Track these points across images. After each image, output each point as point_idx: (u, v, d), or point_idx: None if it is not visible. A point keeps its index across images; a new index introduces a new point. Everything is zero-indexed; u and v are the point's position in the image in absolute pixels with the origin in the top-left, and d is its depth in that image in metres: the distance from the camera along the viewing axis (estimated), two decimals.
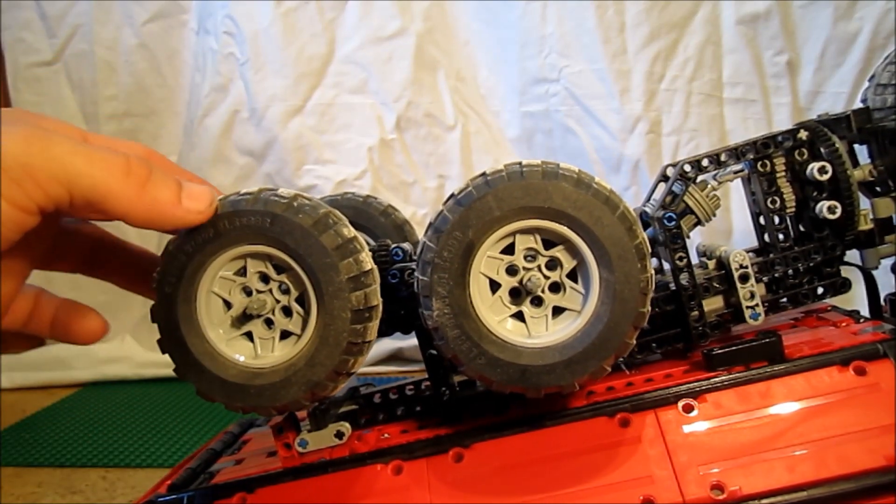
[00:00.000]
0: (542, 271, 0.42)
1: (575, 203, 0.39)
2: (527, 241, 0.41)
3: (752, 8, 1.04)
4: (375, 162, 1.19)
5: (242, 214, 0.38)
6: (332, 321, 0.39)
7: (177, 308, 0.39)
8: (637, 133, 1.10)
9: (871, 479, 0.40)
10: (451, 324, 0.40)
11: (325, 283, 0.38)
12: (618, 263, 0.39)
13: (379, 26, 1.16)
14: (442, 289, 0.40)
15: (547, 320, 0.42)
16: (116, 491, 0.86)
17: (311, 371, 0.39)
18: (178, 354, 0.40)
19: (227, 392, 0.39)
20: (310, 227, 0.38)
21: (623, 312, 0.40)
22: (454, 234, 0.40)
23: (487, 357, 0.40)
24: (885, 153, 0.55)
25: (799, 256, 0.54)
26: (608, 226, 0.39)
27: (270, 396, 0.39)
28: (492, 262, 0.41)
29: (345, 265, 0.38)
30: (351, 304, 0.38)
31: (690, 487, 0.41)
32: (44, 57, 1.27)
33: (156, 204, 0.35)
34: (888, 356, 0.45)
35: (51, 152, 0.32)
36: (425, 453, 0.46)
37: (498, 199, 0.39)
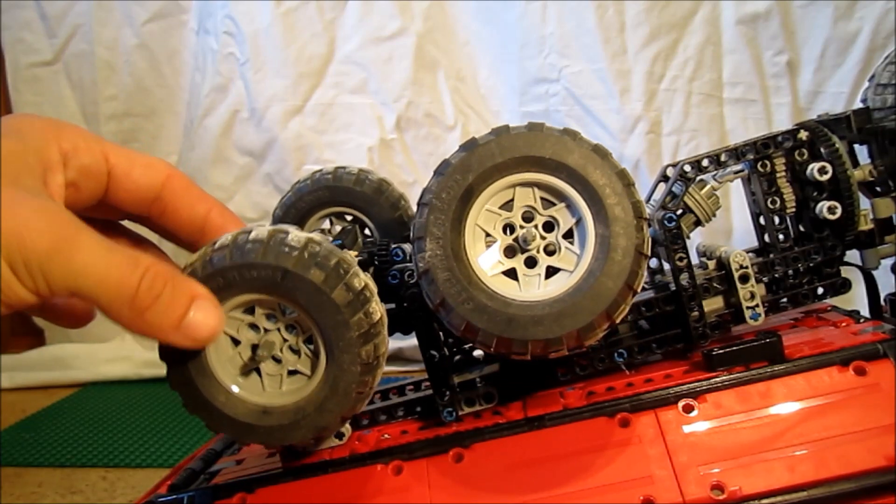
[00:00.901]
0: (539, 231, 0.41)
1: (575, 155, 0.39)
2: (526, 198, 0.41)
3: (752, 8, 1.04)
4: (375, 162, 1.19)
5: (253, 268, 0.38)
6: (342, 374, 0.39)
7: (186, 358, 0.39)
8: (637, 133, 1.10)
9: (871, 479, 0.40)
10: (442, 266, 0.40)
11: (335, 338, 0.38)
12: (614, 222, 0.39)
13: (379, 26, 1.16)
14: (437, 230, 0.40)
15: (539, 280, 0.41)
16: (116, 491, 0.86)
17: (320, 417, 0.39)
18: (186, 392, 0.39)
19: (236, 430, 0.40)
20: (321, 283, 0.38)
21: (616, 268, 0.39)
22: (454, 176, 0.40)
23: (475, 302, 0.39)
24: (885, 153, 0.55)
25: (799, 257, 0.54)
26: (607, 181, 0.39)
27: (279, 437, 0.40)
28: (489, 217, 0.41)
29: (356, 321, 0.38)
30: (361, 359, 0.39)
31: (690, 487, 0.41)
32: (44, 57, 1.27)
33: (152, 328, 0.34)
34: (888, 356, 0.44)
35: (73, 264, 0.31)
36: (425, 453, 0.46)
37: (501, 146, 0.40)
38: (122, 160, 0.38)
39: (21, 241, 0.30)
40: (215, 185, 1.23)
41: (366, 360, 0.39)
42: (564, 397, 0.50)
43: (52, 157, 0.35)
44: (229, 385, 0.40)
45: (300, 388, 0.40)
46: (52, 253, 0.31)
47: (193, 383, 0.39)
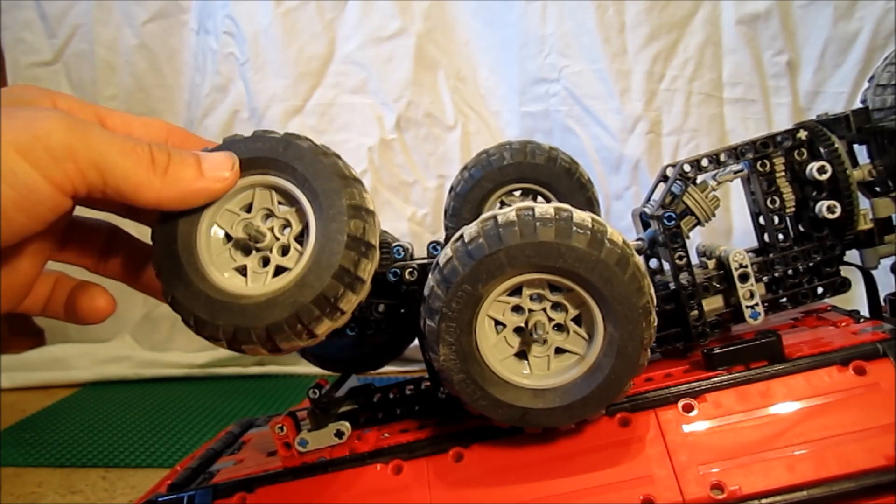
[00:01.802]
0: (547, 313, 0.42)
1: (587, 264, 0.40)
2: (534, 287, 0.42)
3: (752, 8, 1.04)
4: (375, 162, 1.19)
5: (259, 140, 0.39)
6: (328, 243, 0.38)
7: (177, 230, 0.39)
8: (637, 133, 1.10)
9: (871, 478, 0.40)
10: (456, 368, 0.41)
11: (326, 206, 0.38)
12: (623, 321, 0.40)
13: (379, 26, 1.16)
14: (449, 336, 0.41)
15: (549, 360, 0.43)
16: (116, 491, 0.86)
17: (300, 291, 0.38)
18: (168, 269, 0.39)
19: (211, 309, 0.38)
20: (318, 153, 0.39)
21: (624, 366, 0.41)
22: (463, 286, 0.40)
23: (490, 399, 0.42)
24: (884, 153, 0.55)
25: (798, 256, 0.54)
26: (618, 286, 0.40)
27: (254, 316, 0.38)
28: (498, 305, 0.42)
29: (347, 192, 0.38)
30: (349, 230, 0.38)
31: (690, 487, 0.41)
32: (44, 57, 1.27)
33: (181, 183, 0.36)
34: (888, 356, 0.45)
35: (89, 140, 0.33)
36: (425, 453, 0.46)
37: (509, 256, 0.40)
38: (118, 121, 0.39)
39: (39, 136, 0.31)
40: None
41: (353, 232, 0.38)
42: None
43: None
44: (213, 273, 0.39)
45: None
46: (71, 137, 0.32)
47: (179, 261, 0.38)
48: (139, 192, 0.34)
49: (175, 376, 1.25)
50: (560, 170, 0.61)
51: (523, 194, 0.63)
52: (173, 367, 1.25)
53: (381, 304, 0.49)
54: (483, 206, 0.62)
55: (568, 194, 0.61)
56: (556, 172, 0.61)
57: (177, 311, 0.39)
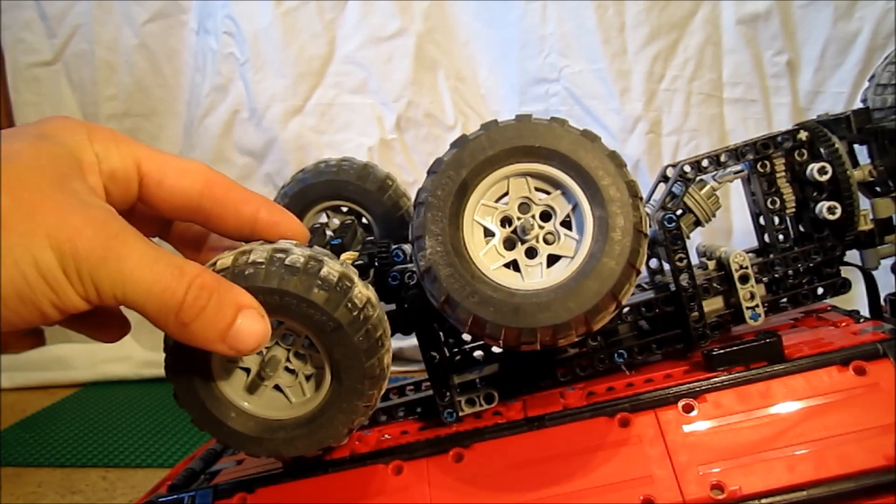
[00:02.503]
0: (537, 220, 0.41)
1: (565, 141, 0.40)
2: (520, 189, 0.41)
3: (752, 8, 1.04)
4: (375, 162, 1.19)
5: (257, 293, 0.36)
6: (347, 392, 0.39)
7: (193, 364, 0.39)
8: (637, 133, 1.10)
9: (871, 478, 0.40)
10: (443, 262, 0.40)
11: (341, 358, 0.38)
12: (610, 203, 0.39)
13: (379, 26, 1.16)
14: (435, 227, 0.40)
15: (542, 269, 0.41)
16: (116, 491, 0.86)
17: (324, 431, 0.39)
18: (195, 410, 0.40)
19: (244, 443, 0.40)
20: (323, 304, 0.37)
21: (617, 247, 0.39)
22: (448, 173, 0.40)
23: (480, 295, 0.39)
24: (884, 153, 0.55)
25: (799, 257, 0.54)
26: (600, 163, 0.39)
27: (285, 449, 0.40)
28: (486, 210, 0.41)
29: (360, 339, 0.38)
30: (366, 374, 0.38)
31: (690, 487, 0.41)
32: (44, 57, 1.27)
33: (195, 339, 0.34)
34: (888, 356, 0.45)
35: (121, 273, 0.31)
36: (426, 453, 0.46)
37: (491, 139, 0.40)
38: (154, 166, 0.37)
39: (73, 247, 0.30)
40: None
41: (371, 374, 0.38)
42: (564, 397, 0.50)
43: (89, 158, 0.35)
44: (238, 402, 0.40)
45: (308, 402, 0.40)
46: (102, 260, 0.30)
47: (202, 402, 0.39)
48: (153, 321, 0.33)
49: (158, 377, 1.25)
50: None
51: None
52: None
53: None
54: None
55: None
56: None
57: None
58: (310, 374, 0.40)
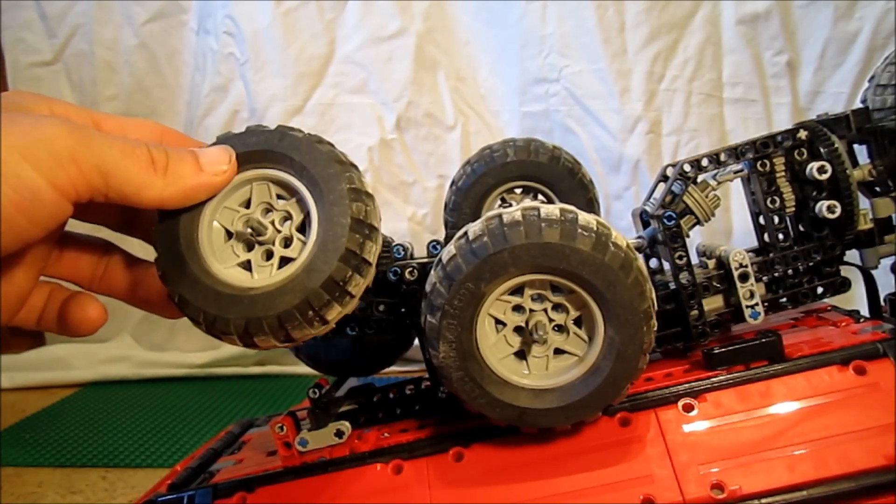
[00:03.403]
0: (548, 314, 0.43)
1: (590, 267, 0.40)
2: (536, 287, 0.42)
3: (752, 8, 1.04)
4: (375, 162, 1.19)
5: (253, 134, 0.39)
6: (332, 227, 0.38)
7: (178, 229, 0.39)
8: (637, 133, 1.10)
9: (871, 478, 0.40)
10: (455, 366, 0.42)
11: (326, 191, 0.38)
12: (624, 325, 0.40)
13: (379, 26, 1.16)
14: (450, 334, 0.41)
15: (548, 360, 0.43)
16: (116, 491, 0.86)
17: (308, 277, 0.38)
18: (173, 269, 0.39)
19: (221, 304, 0.38)
20: (313, 141, 0.39)
21: (623, 369, 0.41)
22: (466, 284, 0.40)
23: (488, 398, 0.42)
24: (884, 153, 0.55)
25: (799, 256, 0.54)
26: (621, 290, 0.40)
27: (264, 306, 0.38)
28: (500, 304, 0.42)
29: (346, 177, 0.39)
30: (351, 212, 0.38)
31: (690, 487, 0.41)
32: (44, 57, 1.27)
33: (181, 181, 0.36)
34: (888, 356, 0.45)
35: (91, 144, 0.33)
36: (425, 452, 0.46)
37: (514, 256, 0.40)
38: (113, 124, 0.39)
39: (42, 140, 0.32)
40: None
41: (356, 215, 0.38)
42: None
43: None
44: (218, 270, 0.39)
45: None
46: (73, 141, 0.32)
47: (184, 262, 0.38)
48: (142, 193, 0.35)
49: (175, 376, 1.25)
50: (563, 169, 0.61)
51: (524, 192, 0.63)
52: (173, 367, 1.25)
53: (381, 303, 0.49)
54: (484, 202, 0.62)
55: (569, 194, 0.61)
56: (559, 172, 0.61)
57: (184, 310, 0.38)
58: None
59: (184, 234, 0.38)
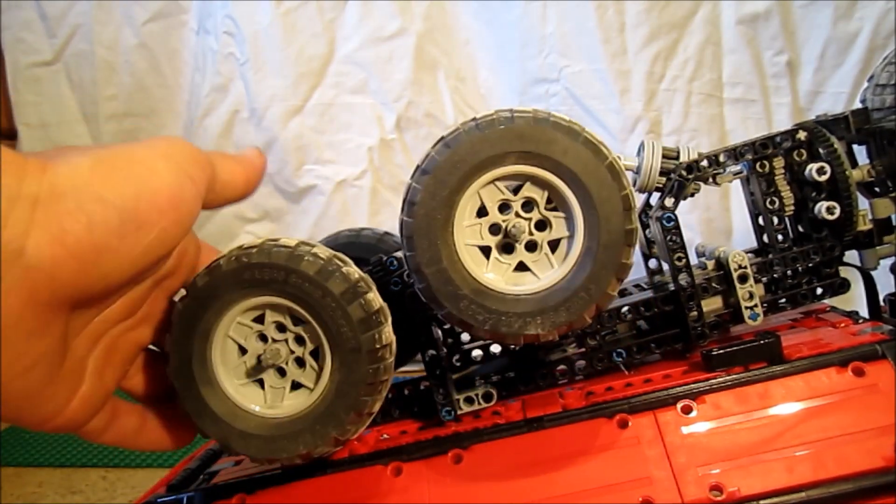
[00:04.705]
0: (531, 227, 0.41)
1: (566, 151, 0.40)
2: (533, 192, 0.41)
3: (752, 8, 1.04)
4: (375, 162, 1.19)
5: (276, 269, 0.39)
6: (346, 390, 0.39)
7: (192, 346, 0.39)
8: (637, 133, 1.10)
9: (870, 480, 0.40)
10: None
11: (343, 353, 0.39)
12: (602, 209, 0.39)
13: (379, 26, 1.16)
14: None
15: (508, 269, 0.41)
16: (116, 491, 0.86)
17: (330, 418, 0.39)
18: (193, 406, 0.41)
19: (238, 441, 0.41)
20: (339, 295, 0.38)
21: (607, 261, 0.39)
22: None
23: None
24: (883, 153, 0.55)
25: (798, 257, 0.54)
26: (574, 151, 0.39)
27: (271, 450, 0.40)
28: (492, 192, 0.41)
29: (366, 339, 0.39)
30: (366, 379, 0.39)
31: (689, 488, 0.41)
32: (44, 57, 1.27)
33: (253, 169, 0.39)
34: (887, 357, 0.44)
35: (196, 147, 0.35)
36: (424, 455, 0.46)
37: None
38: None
39: (170, 145, 0.34)
40: None
41: (370, 380, 0.39)
42: (563, 397, 0.50)
43: None
44: (232, 394, 0.40)
45: (302, 401, 0.40)
46: (187, 143, 0.35)
47: (201, 395, 0.40)
48: (234, 181, 0.37)
49: None
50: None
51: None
52: None
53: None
54: None
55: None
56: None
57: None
58: (300, 381, 0.41)
59: (197, 352, 0.40)
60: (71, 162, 0.30)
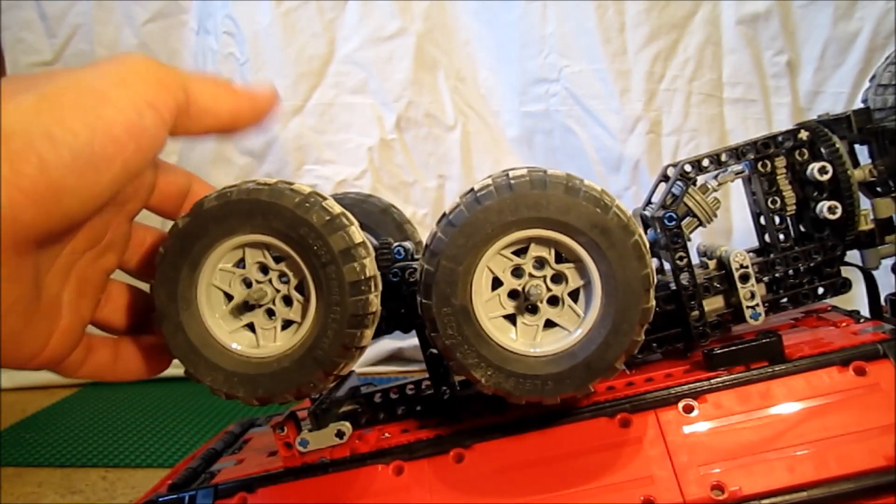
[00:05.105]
0: (547, 283, 0.41)
1: (591, 220, 0.39)
2: (540, 251, 0.41)
3: (752, 8, 1.04)
4: (375, 162, 1.19)
5: (258, 206, 0.39)
6: (329, 323, 0.39)
7: (178, 289, 0.39)
8: (637, 133, 1.10)
9: (871, 479, 0.40)
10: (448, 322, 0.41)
11: (326, 283, 0.39)
12: (623, 292, 0.39)
13: (379, 26, 1.16)
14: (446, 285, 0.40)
15: (538, 330, 0.41)
16: (116, 491, 0.86)
17: (318, 350, 0.39)
18: (174, 337, 0.40)
19: (230, 383, 0.40)
20: (320, 226, 0.39)
21: (617, 341, 0.39)
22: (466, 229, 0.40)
23: (477, 356, 0.40)
24: (885, 153, 0.55)
25: (799, 256, 0.54)
26: (620, 248, 0.39)
27: (282, 381, 0.40)
28: (500, 261, 0.41)
29: (348, 269, 0.39)
30: (349, 310, 0.39)
31: (691, 488, 0.41)
32: (44, 57, 1.27)
33: (252, 98, 0.37)
34: (888, 356, 0.45)
35: (170, 68, 0.34)
36: (426, 453, 0.46)
37: (515, 205, 0.39)
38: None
39: (126, 62, 0.32)
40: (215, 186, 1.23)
41: (354, 311, 0.39)
42: None
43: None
44: (222, 337, 0.40)
45: (293, 336, 0.41)
46: (156, 64, 0.33)
47: (184, 331, 0.40)
48: (218, 102, 0.35)
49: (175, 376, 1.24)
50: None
51: None
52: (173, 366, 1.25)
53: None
54: None
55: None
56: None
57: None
58: (289, 317, 0.41)
59: (183, 297, 0.40)
60: (15, 99, 0.28)
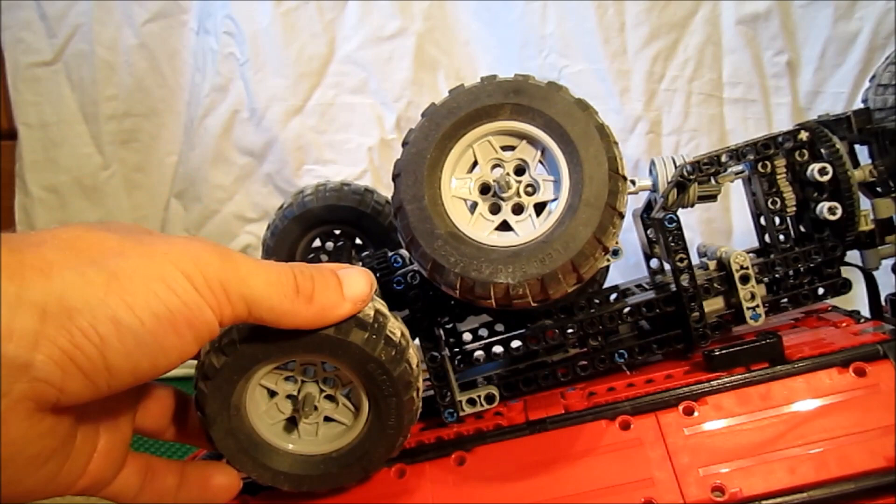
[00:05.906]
0: (512, 177, 0.42)
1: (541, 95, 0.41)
2: (488, 151, 0.42)
3: (752, 8, 1.04)
4: (375, 162, 1.19)
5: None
6: (386, 422, 0.40)
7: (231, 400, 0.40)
8: (637, 133, 1.10)
9: (872, 480, 0.40)
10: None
11: (381, 393, 0.40)
12: (588, 167, 0.40)
13: (379, 26, 1.16)
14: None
15: (532, 220, 0.42)
16: None
17: (366, 460, 0.41)
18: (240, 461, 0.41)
19: (290, 481, 0.42)
20: (363, 343, 0.38)
21: (587, 218, 0.39)
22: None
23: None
24: (885, 154, 0.55)
25: (799, 257, 0.54)
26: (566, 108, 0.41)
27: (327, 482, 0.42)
28: (462, 183, 0.42)
29: (399, 374, 0.39)
30: (405, 406, 0.40)
31: (691, 489, 0.41)
32: (44, 57, 1.27)
33: (324, 311, 0.36)
34: (888, 357, 0.45)
35: (240, 272, 0.33)
36: (428, 456, 0.46)
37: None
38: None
39: (197, 259, 0.31)
40: (215, 185, 1.23)
41: (407, 426, 0.41)
42: (565, 398, 0.50)
43: None
44: (275, 441, 0.41)
45: (340, 436, 0.42)
46: (224, 268, 0.32)
47: (246, 451, 0.40)
48: (281, 321, 0.35)
49: (175, 376, 1.24)
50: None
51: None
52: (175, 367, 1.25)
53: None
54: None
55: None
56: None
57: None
58: (333, 416, 0.42)
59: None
60: (83, 274, 0.28)
